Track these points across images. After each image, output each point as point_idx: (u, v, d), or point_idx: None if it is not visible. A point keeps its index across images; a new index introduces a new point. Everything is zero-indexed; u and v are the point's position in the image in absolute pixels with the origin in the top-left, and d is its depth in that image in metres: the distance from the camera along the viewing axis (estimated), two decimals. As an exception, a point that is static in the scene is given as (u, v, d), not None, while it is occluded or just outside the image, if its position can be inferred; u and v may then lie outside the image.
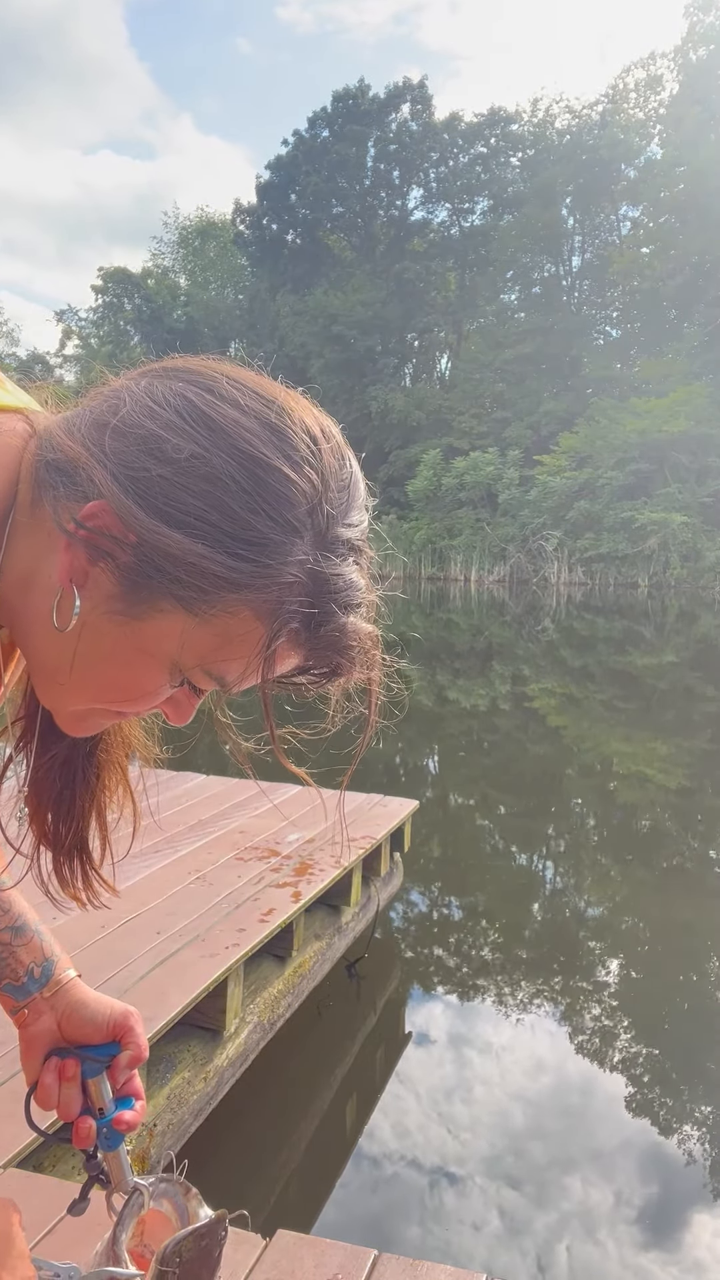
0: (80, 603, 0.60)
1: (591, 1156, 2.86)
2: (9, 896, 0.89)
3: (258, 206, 54.17)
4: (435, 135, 50.11)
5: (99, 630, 0.60)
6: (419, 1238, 2.48)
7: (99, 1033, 0.86)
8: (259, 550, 0.57)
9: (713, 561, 28.47)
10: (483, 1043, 3.51)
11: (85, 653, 0.61)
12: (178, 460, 0.57)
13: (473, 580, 34.68)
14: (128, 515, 0.56)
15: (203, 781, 4.64)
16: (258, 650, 0.60)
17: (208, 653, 0.60)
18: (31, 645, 0.65)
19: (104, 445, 0.58)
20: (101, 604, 0.60)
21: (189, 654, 0.60)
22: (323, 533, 0.60)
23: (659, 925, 4.86)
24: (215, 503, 0.57)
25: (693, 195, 35.90)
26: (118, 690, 0.63)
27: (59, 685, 0.65)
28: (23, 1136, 1.88)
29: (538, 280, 45.72)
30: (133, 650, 0.61)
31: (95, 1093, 0.85)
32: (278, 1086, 3.05)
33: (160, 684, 0.63)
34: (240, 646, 0.60)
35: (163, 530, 0.56)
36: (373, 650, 0.67)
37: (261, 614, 0.58)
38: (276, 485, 0.58)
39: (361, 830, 3.89)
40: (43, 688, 0.67)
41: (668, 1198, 2.70)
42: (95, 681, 0.63)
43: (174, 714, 0.68)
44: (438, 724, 10.13)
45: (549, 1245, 2.46)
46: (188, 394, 0.59)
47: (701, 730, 9.88)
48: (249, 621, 0.59)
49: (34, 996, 0.87)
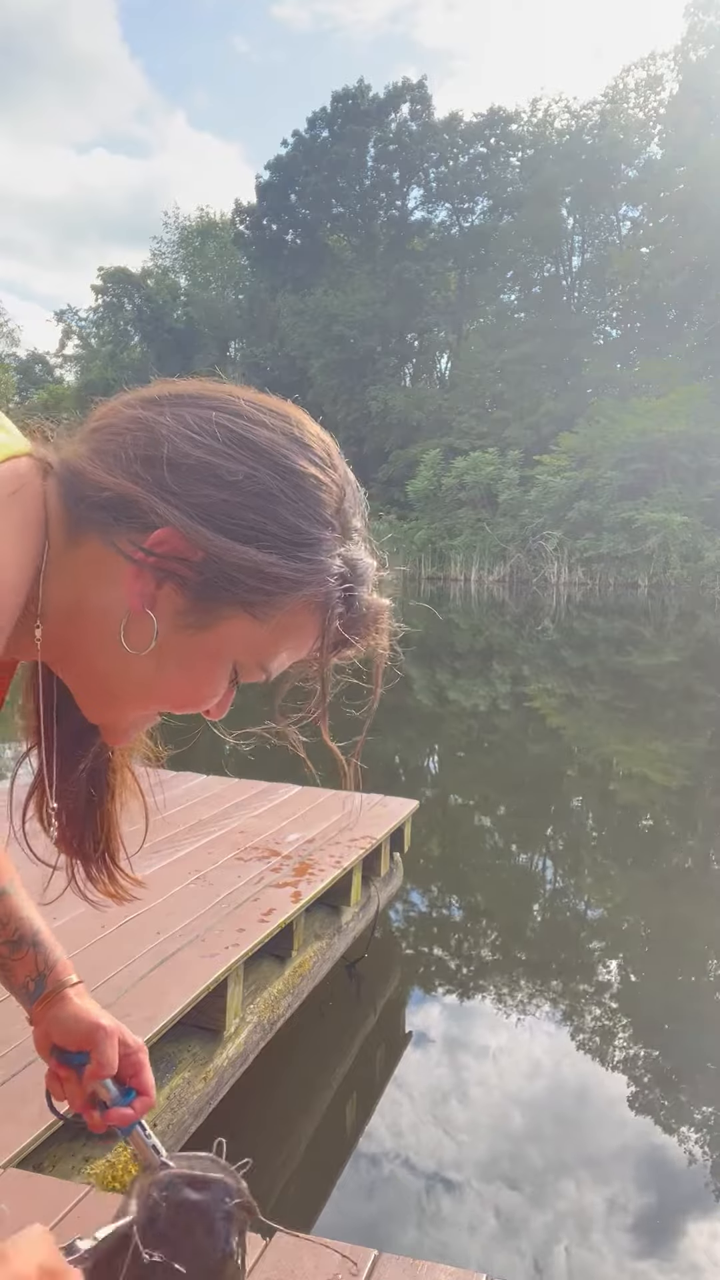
0: (155, 625, 0.65)
1: (591, 1158, 2.86)
2: (7, 909, 0.92)
3: (258, 206, 54.15)
4: (435, 135, 50.09)
5: (168, 644, 0.66)
6: (418, 1238, 2.48)
7: (74, 1043, 0.92)
8: (312, 550, 0.66)
9: (713, 561, 28.46)
10: (482, 1043, 3.51)
11: (154, 668, 0.67)
12: (234, 483, 0.64)
13: (473, 580, 34.68)
14: (199, 539, 0.63)
15: (203, 781, 4.64)
16: (308, 638, 0.69)
17: (264, 649, 0.68)
18: (87, 669, 0.70)
19: (160, 480, 0.63)
20: (169, 620, 0.65)
21: (249, 652, 0.68)
22: (346, 525, 0.69)
23: (659, 925, 4.86)
24: (272, 515, 0.64)
25: (693, 195, 35.89)
26: (184, 695, 0.69)
27: (121, 701, 0.71)
28: (23, 1136, 1.88)
29: (538, 280, 45.72)
30: (201, 658, 0.67)
31: (99, 1091, 0.92)
32: (278, 1087, 3.05)
33: (221, 685, 0.70)
34: (295, 638, 0.68)
35: (234, 547, 0.63)
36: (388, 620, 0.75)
37: (313, 606, 0.67)
38: (313, 490, 0.66)
39: (361, 830, 3.89)
40: (100, 705, 0.73)
41: (666, 1200, 2.70)
42: (163, 691, 0.69)
43: (217, 710, 0.74)
44: (438, 724, 10.13)
45: (549, 1246, 2.46)
46: (220, 421, 0.66)
47: (701, 730, 9.88)
48: (302, 615, 0.67)
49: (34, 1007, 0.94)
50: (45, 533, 0.65)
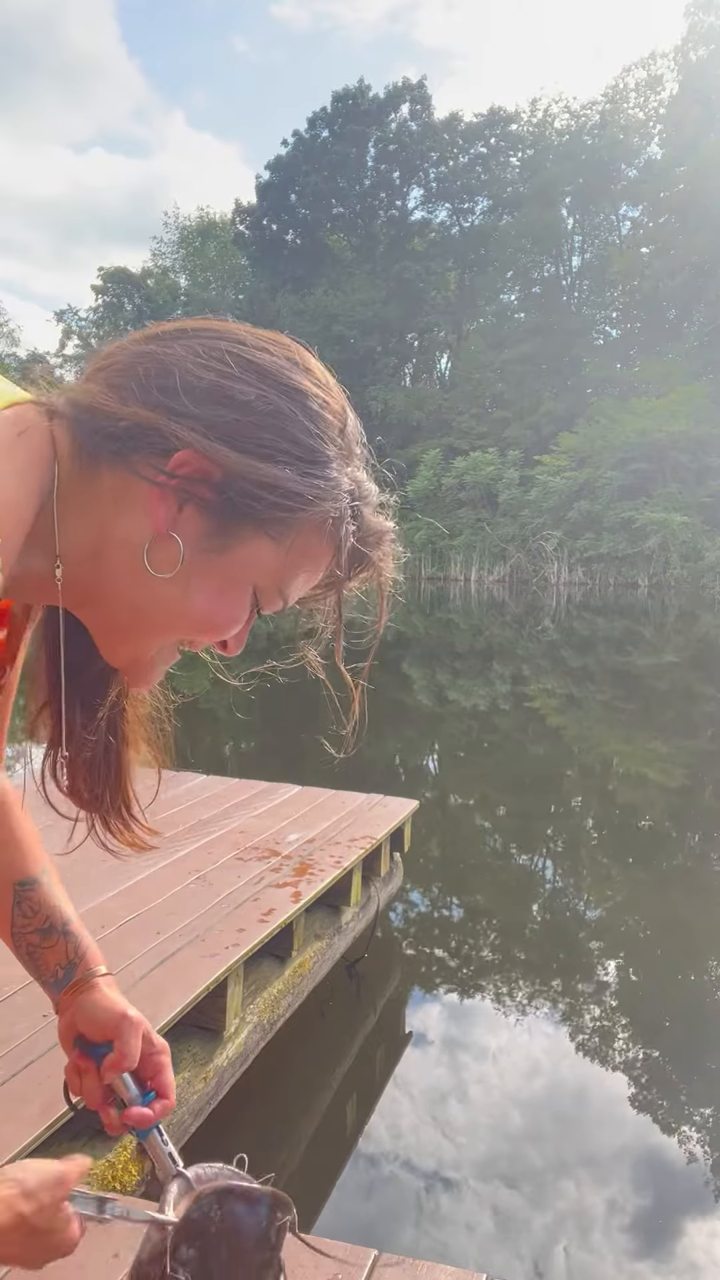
0: (180, 546, 0.66)
1: (591, 1158, 2.86)
2: (38, 897, 0.93)
3: (258, 206, 54.16)
4: (435, 135, 50.11)
5: (191, 568, 0.67)
6: (419, 1238, 2.48)
7: (98, 1032, 0.90)
8: (324, 468, 0.68)
9: (713, 561, 28.46)
10: (482, 1043, 3.51)
11: (178, 593, 0.68)
12: (246, 403, 0.65)
13: (473, 580, 34.68)
14: (219, 457, 0.64)
15: (203, 781, 4.64)
16: (321, 561, 0.71)
17: (283, 571, 0.69)
18: (111, 604, 0.70)
19: (175, 405, 0.65)
20: (191, 543, 0.67)
21: (267, 576, 0.69)
22: (350, 448, 0.71)
23: (659, 925, 4.86)
24: (284, 433, 0.66)
25: (693, 195, 35.90)
26: (208, 620, 0.70)
27: (145, 632, 0.71)
28: (23, 1136, 1.88)
29: (538, 280, 45.74)
30: (222, 580, 0.68)
31: (118, 1087, 0.89)
32: (278, 1087, 3.05)
33: (244, 609, 0.70)
34: (309, 561, 0.70)
35: (252, 464, 0.65)
36: (392, 543, 0.76)
37: (326, 526, 0.69)
38: (320, 411, 0.68)
39: (361, 830, 3.89)
40: (124, 641, 0.72)
41: (666, 1200, 2.70)
42: (187, 617, 0.69)
43: (235, 643, 0.75)
44: (438, 724, 10.13)
45: (549, 1246, 2.46)
46: (227, 348, 0.67)
47: (701, 730, 9.88)
48: (314, 536, 0.69)
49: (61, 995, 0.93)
50: (54, 472, 0.66)
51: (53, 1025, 2.33)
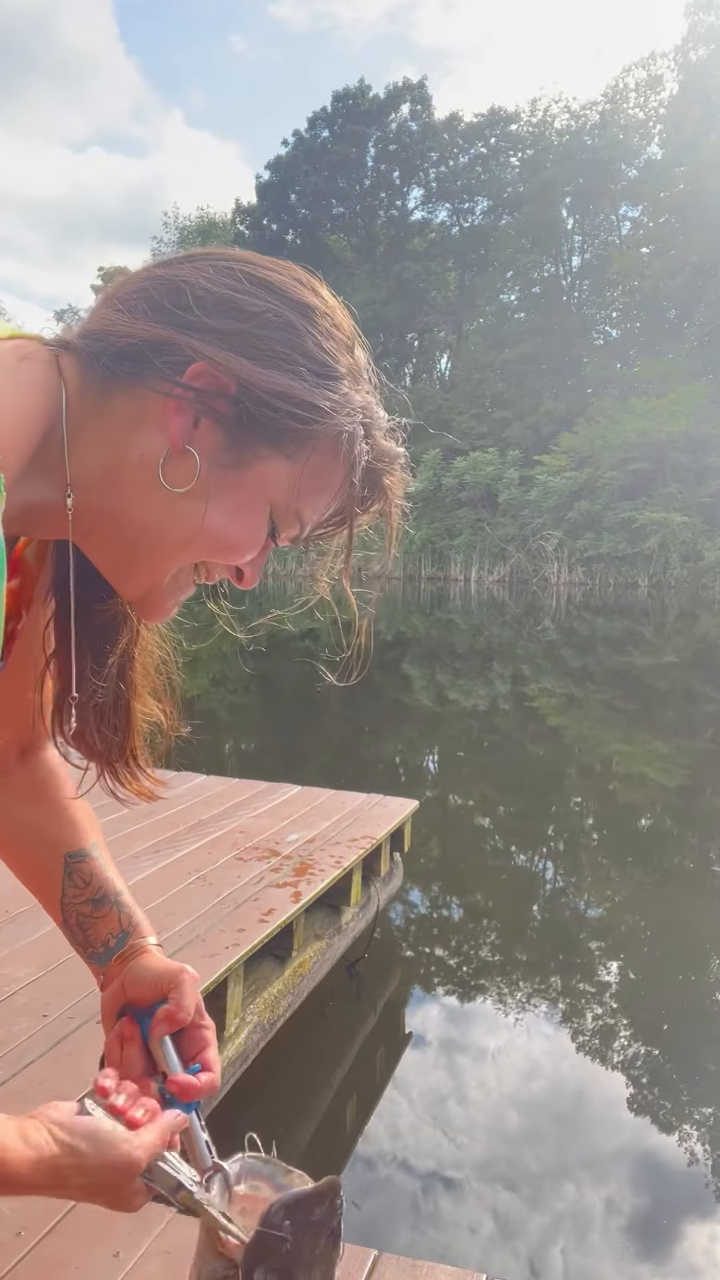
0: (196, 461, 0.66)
1: (590, 1159, 2.86)
2: (90, 868, 0.92)
3: (258, 206, 54.16)
4: (435, 135, 50.12)
5: (207, 485, 0.66)
6: (418, 1239, 2.48)
7: (151, 991, 0.86)
8: (337, 382, 0.68)
9: (713, 561, 28.46)
10: (482, 1044, 3.51)
11: (195, 510, 0.67)
12: (258, 314, 0.66)
13: (473, 580, 34.68)
14: (233, 366, 0.64)
15: (203, 781, 4.64)
16: (335, 481, 0.70)
17: (298, 490, 0.69)
18: (125, 529, 0.69)
19: (188, 319, 0.65)
20: (207, 459, 0.66)
21: (283, 495, 0.69)
22: (358, 368, 0.71)
23: (659, 925, 4.86)
24: (297, 346, 0.66)
25: (693, 195, 35.90)
26: (225, 540, 0.69)
27: (161, 555, 0.69)
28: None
29: (537, 280, 45.73)
30: (238, 498, 0.68)
31: (159, 1056, 0.83)
32: (277, 1087, 3.05)
33: (262, 530, 0.70)
34: (324, 480, 0.69)
35: (267, 374, 0.65)
36: (402, 468, 0.76)
37: (340, 443, 0.68)
38: (329, 328, 0.69)
39: (361, 830, 3.89)
40: (138, 568, 0.71)
41: (665, 1201, 2.70)
42: (203, 535, 0.68)
43: (250, 571, 0.74)
44: (438, 724, 10.13)
45: (548, 1247, 2.46)
46: (237, 267, 0.68)
47: (701, 730, 9.88)
48: (329, 456, 0.69)
49: (109, 965, 0.90)
50: (62, 398, 0.65)
51: (52, 1025, 2.33)
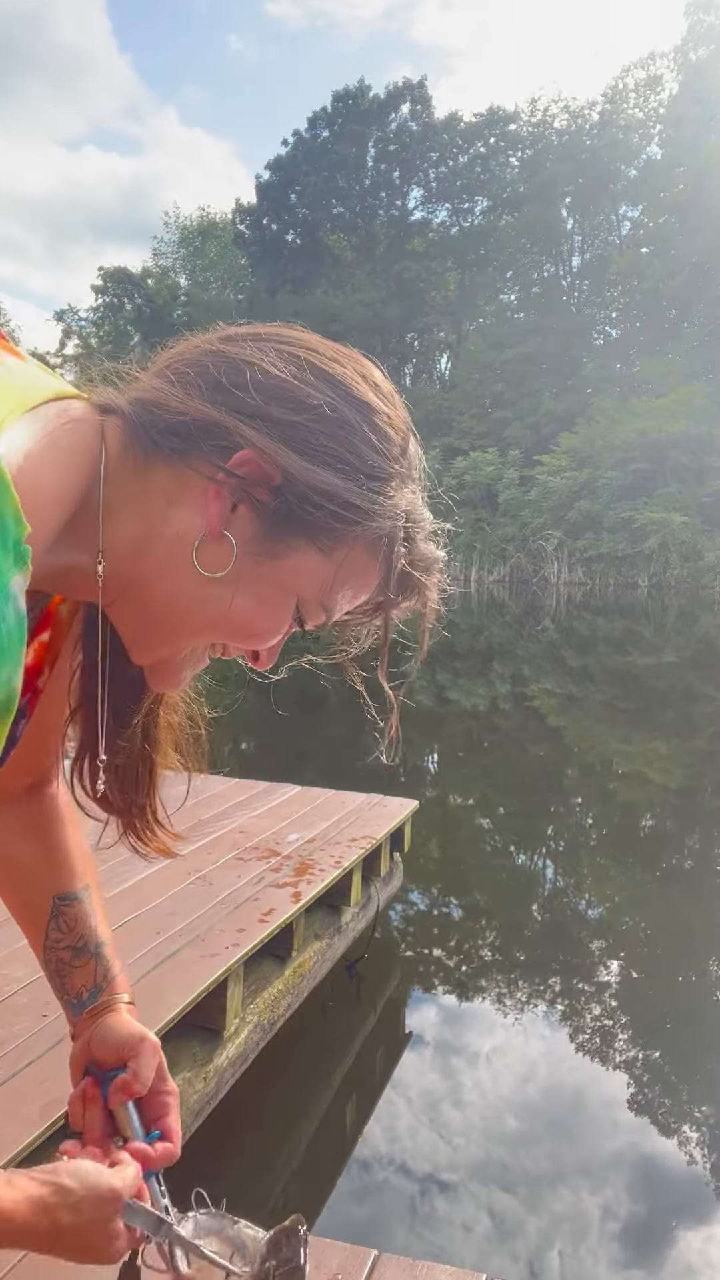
0: (233, 546, 0.65)
1: (590, 1160, 2.86)
2: (76, 914, 0.91)
3: (258, 206, 54.16)
4: (435, 135, 50.13)
5: (238, 571, 0.66)
6: (418, 1239, 2.48)
7: (113, 1054, 0.86)
8: (382, 484, 0.67)
9: (713, 561, 28.46)
10: (482, 1044, 3.51)
11: (224, 594, 0.67)
12: (314, 409, 0.65)
13: (473, 580, 34.67)
14: (280, 459, 0.63)
15: (203, 781, 4.63)
16: (369, 580, 0.69)
17: (330, 586, 0.68)
18: (151, 601, 0.68)
19: (242, 404, 0.64)
20: (241, 546, 0.65)
21: (313, 590, 0.68)
22: (410, 470, 0.71)
23: (659, 925, 4.86)
24: (347, 444, 0.66)
25: (693, 195, 35.89)
26: (247, 626, 0.69)
27: (182, 631, 0.70)
28: (23, 1136, 1.88)
29: (537, 280, 45.72)
30: (267, 587, 0.67)
31: (120, 1119, 0.84)
32: (278, 1087, 3.05)
33: (286, 620, 0.69)
34: (357, 578, 0.69)
35: (313, 470, 0.64)
36: (441, 574, 0.76)
37: (377, 545, 0.67)
38: (385, 428, 0.68)
39: (361, 830, 3.88)
40: (158, 640, 0.71)
41: (663, 1203, 2.70)
42: (228, 621, 0.68)
43: (267, 656, 0.74)
44: (438, 724, 10.13)
45: (548, 1249, 2.46)
46: (299, 354, 0.67)
47: (701, 730, 9.88)
48: (364, 555, 0.68)
49: (80, 1019, 0.89)
50: (102, 463, 0.65)
51: (52, 1025, 2.33)
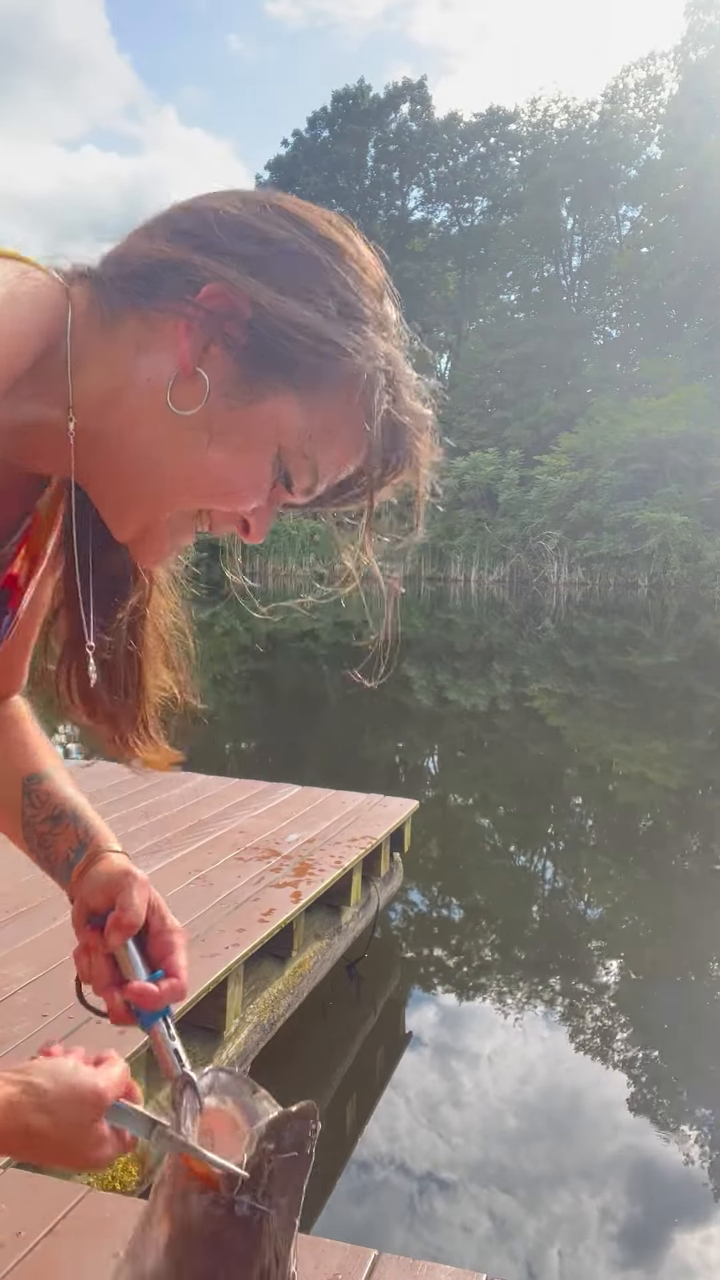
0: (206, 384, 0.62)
1: (590, 1160, 2.86)
2: (48, 788, 0.91)
3: (258, 206, 54.16)
4: (435, 135, 50.14)
5: (213, 417, 0.63)
6: (417, 1240, 2.48)
7: (104, 897, 0.84)
8: (358, 324, 0.64)
9: (713, 561, 28.46)
10: (482, 1044, 3.51)
11: (198, 442, 0.64)
12: (281, 243, 0.63)
13: (473, 580, 34.66)
14: (249, 289, 0.61)
15: (203, 781, 4.64)
16: (352, 434, 0.65)
17: (309, 435, 0.65)
18: (127, 462, 0.66)
19: (208, 240, 0.62)
20: (216, 388, 0.63)
21: (293, 437, 0.65)
22: (386, 320, 0.67)
23: (659, 925, 4.86)
24: (317, 278, 0.63)
25: (693, 195, 35.88)
26: (225, 479, 0.65)
27: (160, 492, 0.66)
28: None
29: (537, 280, 45.70)
30: (244, 436, 0.64)
31: (122, 963, 0.80)
32: (277, 1087, 3.05)
33: (266, 474, 0.66)
34: (339, 430, 0.65)
35: (283, 300, 0.61)
36: (432, 436, 0.71)
37: (354, 385, 0.63)
38: (356, 269, 0.65)
39: (361, 830, 3.89)
40: (135, 506, 0.68)
41: (663, 1203, 2.70)
42: (205, 473, 0.65)
43: (256, 524, 0.70)
44: (438, 724, 10.13)
45: (550, 1248, 2.46)
46: (265, 199, 0.65)
47: (701, 730, 9.88)
48: (343, 397, 0.64)
49: (71, 879, 0.88)
50: (69, 320, 0.63)
51: (52, 1025, 2.34)
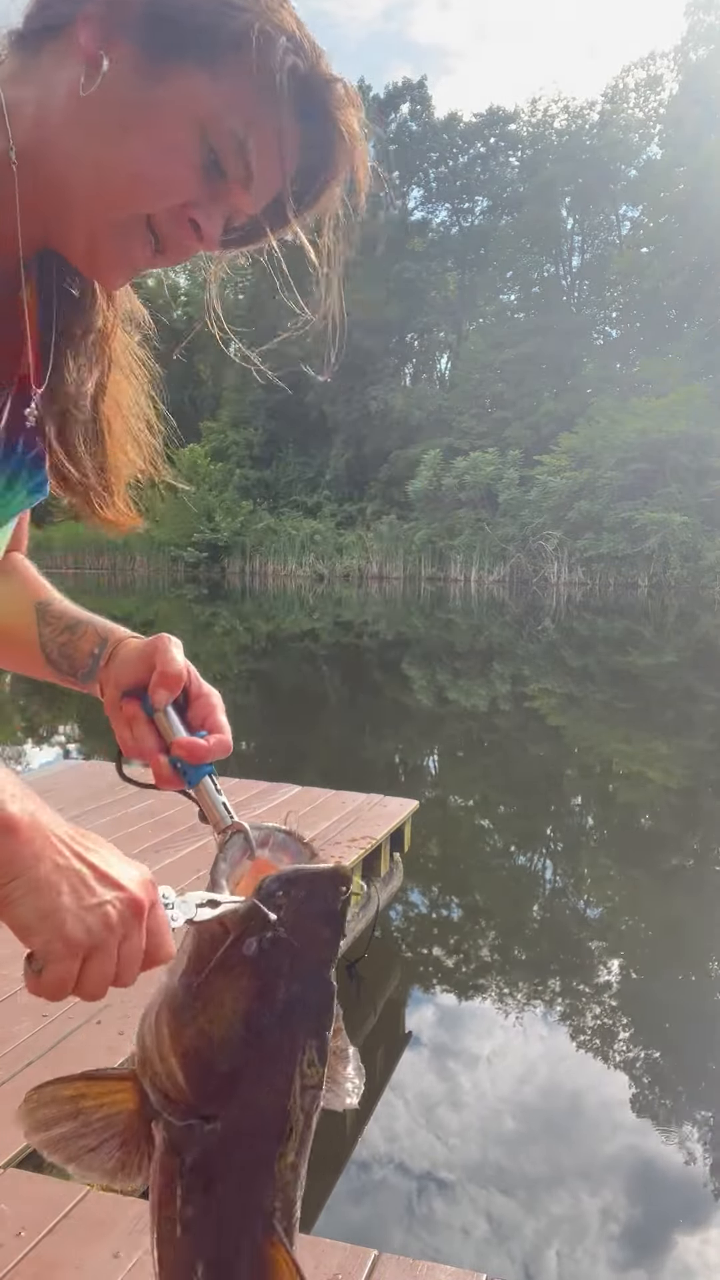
0: (106, 65, 0.65)
1: (590, 1161, 2.86)
2: (59, 607, 0.94)
3: (258, 206, 54.14)
4: (435, 135, 50.13)
5: (123, 97, 0.66)
6: (416, 1240, 2.48)
7: (141, 668, 0.85)
8: None
9: (713, 561, 28.46)
10: (482, 1044, 3.51)
11: (115, 126, 0.66)
12: None
13: (473, 580, 34.67)
14: None
15: (203, 782, 4.63)
16: (264, 95, 0.66)
17: (226, 109, 0.66)
18: (60, 165, 0.68)
19: None
20: (122, 71, 0.66)
21: (208, 112, 0.66)
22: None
23: (659, 925, 4.86)
24: None
25: (693, 195, 35.88)
26: (151, 166, 0.66)
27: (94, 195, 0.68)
28: (22, 1137, 1.88)
29: (537, 280, 45.68)
30: (159, 117, 0.66)
31: (162, 727, 0.82)
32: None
33: (190, 155, 0.67)
34: (250, 91, 0.66)
35: None
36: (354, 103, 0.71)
37: (251, 43, 0.65)
38: None
39: (361, 830, 3.89)
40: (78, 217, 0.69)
41: (662, 1204, 2.70)
42: (128, 160, 0.66)
43: (206, 224, 0.70)
44: (438, 724, 10.13)
45: (548, 1249, 2.46)
46: None
47: (701, 730, 9.88)
48: (248, 63, 0.66)
49: (99, 672, 0.90)
50: None
51: (53, 1025, 2.33)
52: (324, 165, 0.72)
